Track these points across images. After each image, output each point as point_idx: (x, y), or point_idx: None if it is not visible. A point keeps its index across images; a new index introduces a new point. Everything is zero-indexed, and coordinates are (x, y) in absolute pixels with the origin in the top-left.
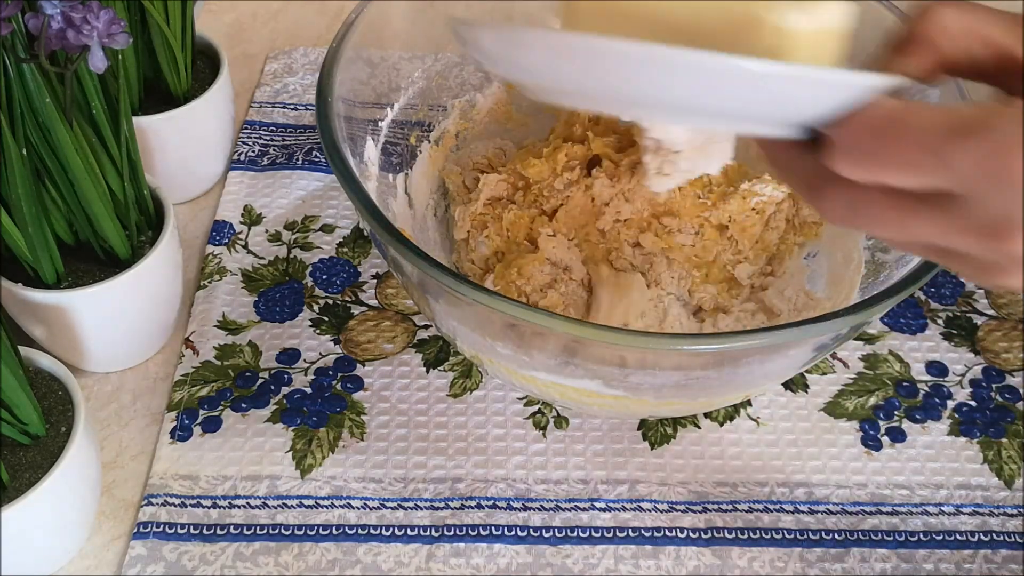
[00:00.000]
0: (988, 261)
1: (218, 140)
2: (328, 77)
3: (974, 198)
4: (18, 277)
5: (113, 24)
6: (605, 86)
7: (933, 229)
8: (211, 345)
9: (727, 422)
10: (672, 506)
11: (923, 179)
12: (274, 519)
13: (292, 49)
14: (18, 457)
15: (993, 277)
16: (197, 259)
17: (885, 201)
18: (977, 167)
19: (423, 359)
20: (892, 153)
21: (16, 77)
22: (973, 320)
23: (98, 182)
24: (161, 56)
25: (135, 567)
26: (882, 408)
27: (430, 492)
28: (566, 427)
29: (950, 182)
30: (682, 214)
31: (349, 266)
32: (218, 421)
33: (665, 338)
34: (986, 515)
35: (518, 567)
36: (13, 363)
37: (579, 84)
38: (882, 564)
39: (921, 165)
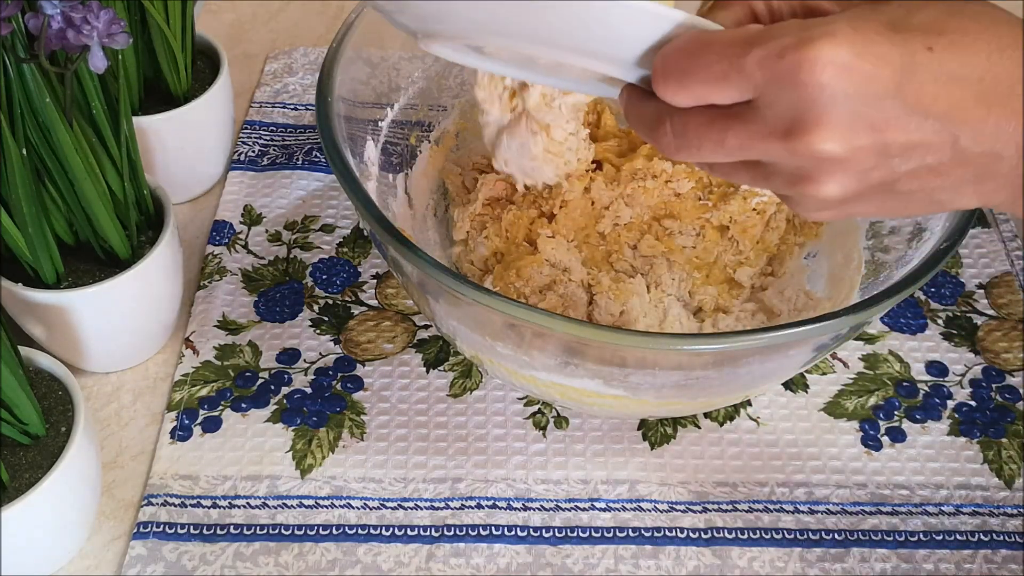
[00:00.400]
0: (795, 168)
1: (218, 140)
2: (328, 77)
3: (766, 102)
4: (18, 277)
5: (113, 24)
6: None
7: (744, 140)
8: (211, 345)
9: (727, 422)
10: (672, 506)
11: (726, 89)
12: (274, 519)
13: (292, 49)
14: (18, 457)
15: (807, 187)
16: (197, 259)
17: (703, 120)
18: (763, 70)
19: (423, 359)
20: (699, 67)
21: (16, 77)
22: (973, 320)
23: (98, 182)
24: (161, 56)
25: (135, 567)
26: (882, 408)
27: (430, 492)
28: (566, 427)
29: (747, 89)
30: (683, 216)
31: (349, 266)
32: (218, 421)
33: (665, 338)
34: (986, 515)
35: (518, 567)
36: (13, 363)
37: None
38: (882, 564)
39: (722, 75)
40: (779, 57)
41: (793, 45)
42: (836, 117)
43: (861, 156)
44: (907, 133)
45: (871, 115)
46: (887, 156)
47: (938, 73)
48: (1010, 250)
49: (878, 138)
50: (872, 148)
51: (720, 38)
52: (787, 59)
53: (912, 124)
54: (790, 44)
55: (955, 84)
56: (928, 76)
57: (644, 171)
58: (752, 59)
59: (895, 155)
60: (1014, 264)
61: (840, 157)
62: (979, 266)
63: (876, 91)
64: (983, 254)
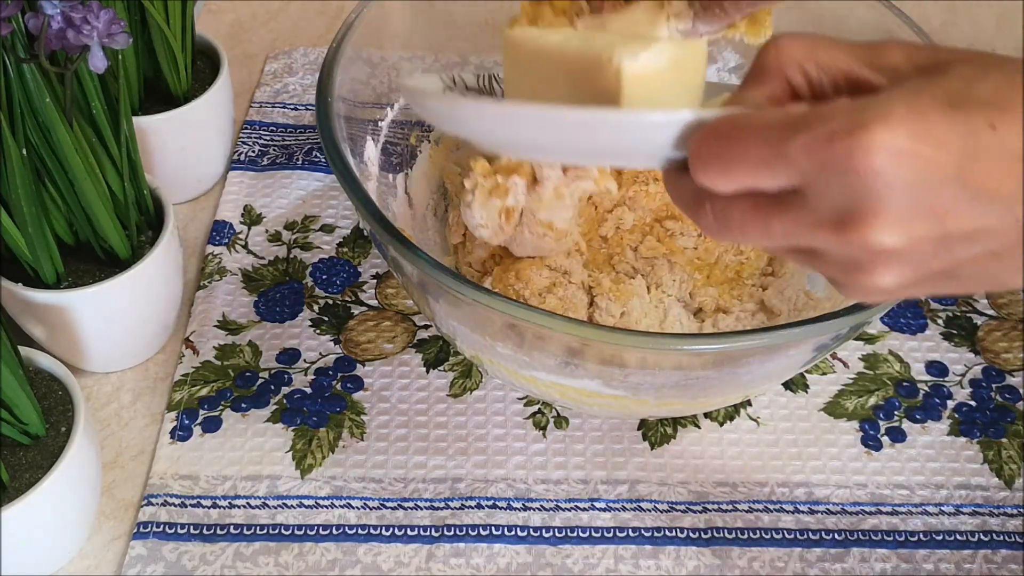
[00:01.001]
0: (848, 257)
1: (218, 140)
2: (328, 77)
3: (816, 191)
4: (18, 277)
5: (113, 24)
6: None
7: (792, 228)
8: (211, 345)
9: (727, 422)
10: (672, 506)
11: (770, 177)
12: (274, 519)
13: (292, 49)
14: (18, 457)
15: (860, 276)
16: (197, 259)
17: (747, 207)
18: (811, 158)
19: (423, 359)
20: (737, 154)
21: (16, 77)
22: (973, 320)
23: (98, 182)
24: (161, 56)
25: (135, 567)
26: (882, 408)
27: (430, 492)
28: (566, 427)
29: (793, 176)
30: (684, 218)
31: (349, 266)
32: (218, 421)
33: (665, 338)
34: (986, 515)
35: (518, 567)
36: (13, 363)
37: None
38: (882, 564)
39: (764, 162)
40: (828, 143)
41: (844, 130)
42: (893, 207)
43: (920, 246)
44: (970, 220)
45: (931, 203)
46: (948, 245)
47: (1003, 153)
48: None
49: (939, 227)
50: (932, 237)
51: (759, 121)
52: (837, 145)
53: (976, 210)
54: (840, 129)
55: (1020, 163)
56: (992, 157)
57: (646, 174)
58: (797, 145)
59: (956, 243)
60: None
61: (898, 248)
62: None
63: (936, 177)
64: None
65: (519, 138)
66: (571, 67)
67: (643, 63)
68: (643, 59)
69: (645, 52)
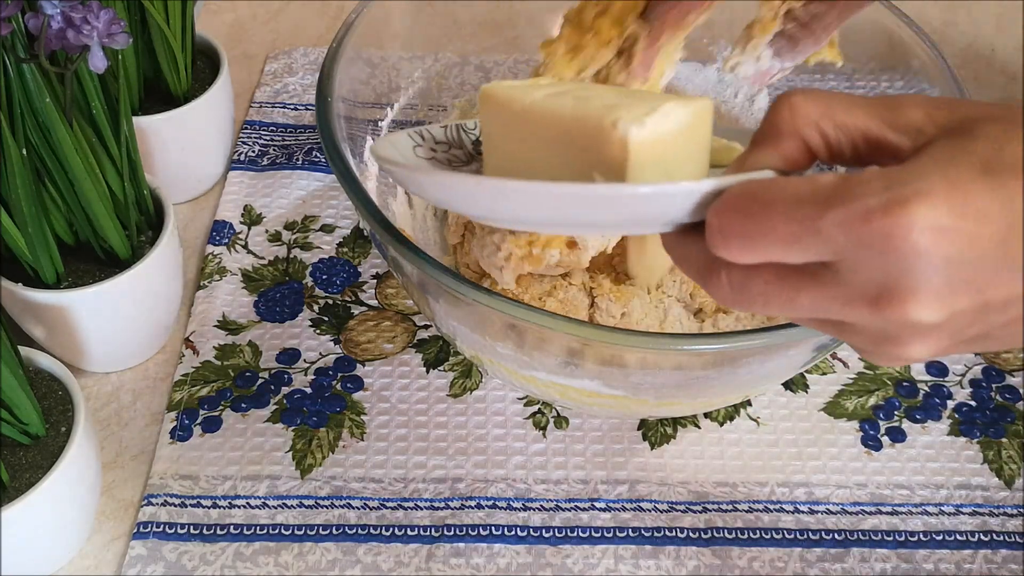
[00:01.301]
0: (882, 331)
1: (218, 140)
2: (328, 77)
3: (850, 267)
4: (18, 277)
5: (113, 24)
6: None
7: (821, 302)
8: (211, 345)
9: (727, 422)
10: (672, 506)
11: (799, 253)
12: (274, 519)
13: (292, 49)
14: (18, 457)
15: (892, 348)
16: (197, 259)
17: (771, 278)
18: (847, 234)
19: (423, 359)
20: (764, 229)
21: (16, 77)
22: None
23: (98, 182)
24: (161, 56)
25: (135, 567)
26: (882, 408)
27: (430, 492)
28: (566, 427)
29: (825, 252)
30: None
31: (349, 266)
32: (218, 421)
33: (665, 338)
34: (986, 515)
35: (518, 567)
36: (13, 363)
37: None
38: (882, 564)
39: (793, 238)
40: (865, 221)
41: (882, 208)
42: (934, 285)
43: (959, 319)
44: (1008, 288)
45: (973, 278)
46: (985, 314)
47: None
48: None
49: (979, 299)
50: (971, 310)
51: (785, 196)
52: (876, 224)
53: (1014, 277)
54: (877, 207)
55: None
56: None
57: None
58: (831, 222)
59: (993, 311)
60: None
61: (937, 324)
62: None
63: (979, 252)
64: None
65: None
66: (563, 131)
67: (650, 131)
68: (650, 126)
69: (651, 118)
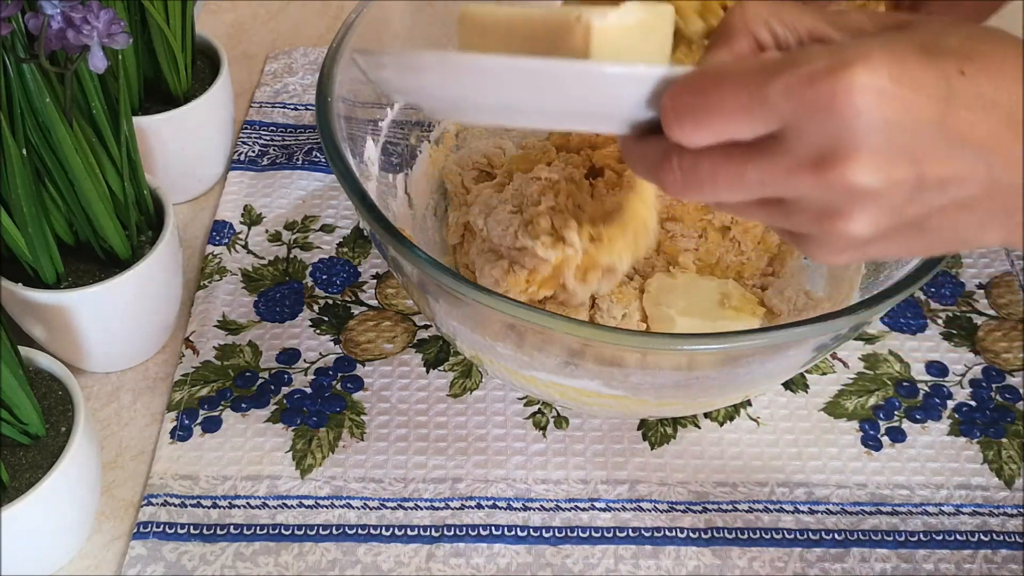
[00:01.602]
0: (824, 203)
1: (218, 140)
2: (328, 77)
3: (795, 131)
4: (18, 277)
5: (113, 24)
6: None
7: (767, 173)
8: (211, 345)
9: (727, 422)
10: (672, 506)
11: (747, 123)
12: (274, 519)
13: (292, 49)
14: (18, 457)
15: (835, 223)
16: (197, 259)
17: (719, 156)
18: (790, 99)
19: (423, 359)
20: (714, 103)
21: (16, 77)
22: (973, 320)
23: (98, 182)
24: (161, 56)
25: (135, 567)
26: (882, 408)
27: (430, 492)
28: (566, 427)
29: (772, 120)
30: (684, 218)
31: (349, 266)
32: (218, 421)
33: (665, 338)
34: (986, 515)
35: (518, 567)
36: (13, 363)
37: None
38: (882, 564)
39: (742, 107)
40: (809, 83)
41: (825, 70)
42: (874, 146)
43: (897, 190)
44: (944, 164)
45: (909, 145)
46: (922, 190)
47: (973, 99)
48: (1010, 250)
49: (915, 170)
50: (908, 180)
51: (734, 69)
52: (819, 85)
53: (950, 156)
54: (821, 69)
55: (990, 110)
56: (964, 102)
57: None
58: (777, 88)
59: (930, 189)
60: (1014, 264)
61: (876, 190)
62: (979, 266)
63: (916, 119)
64: (983, 254)
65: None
66: (534, 34)
67: (612, 21)
68: (612, 18)
69: (614, 12)
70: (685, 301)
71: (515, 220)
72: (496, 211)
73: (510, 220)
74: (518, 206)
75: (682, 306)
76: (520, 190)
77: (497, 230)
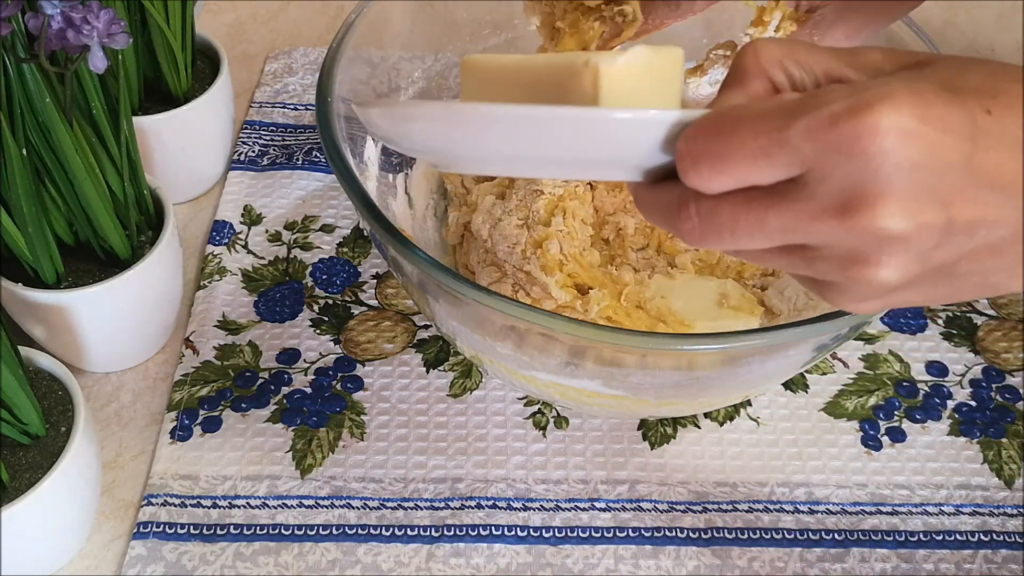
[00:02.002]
0: (850, 250)
1: (218, 140)
2: (328, 77)
3: (817, 175)
4: (18, 277)
5: (113, 24)
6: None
7: (789, 220)
8: (211, 345)
9: (727, 422)
10: (672, 506)
11: (768, 168)
12: (274, 519)
13: (292, 49)
14: (18, 457)
15: (862, 270)
16: (197, 259)
17: (739, 202)
18: (814, 141)
19: (423, 359)
20: (732, 147)
21: (16, 77)
22: (973, 320)
23: (98, 182)
24: (161, 56)
25: (135, 567)
26: (882, 408)
27: (430, 492)
28: (566, 427)
29: (793, 164)
30: None
31: (349, 266)
32: (218, 421)
33: (665, 338)
34: (986, 515)
35: (518, 567)
36: (13, 363)
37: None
38: (882, 564)
39: (762, 151)
40: (831, 125)
41: (847, 111)
42: (901, 189)
43: (926, 234)
44: (973, 207)
45: (938, 187)
46: (951, 234)
47: (1000, 138)
48: None
49: (944, 213)
50: (938, 225)
51: (751, 112)
52: (841, 127)
53: (979, 196)
54: (843, 110)
55: (1017, 149)
56: (991, 142)
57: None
58: (797, 130)
59: (959, 232)
60: None
61: (905, 235)
62: None
63: (943, 160)
64: None
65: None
66: (539, 80)
67: (621, 66)
68: (621, 62)
69: (623, 56)
70: (684, 301)
71: (522, 237)
72: (502, 224)
73: (517, 236)
74: (524, 219)
75: (681, 306)
76: (526, 202)
77: (503, 246)
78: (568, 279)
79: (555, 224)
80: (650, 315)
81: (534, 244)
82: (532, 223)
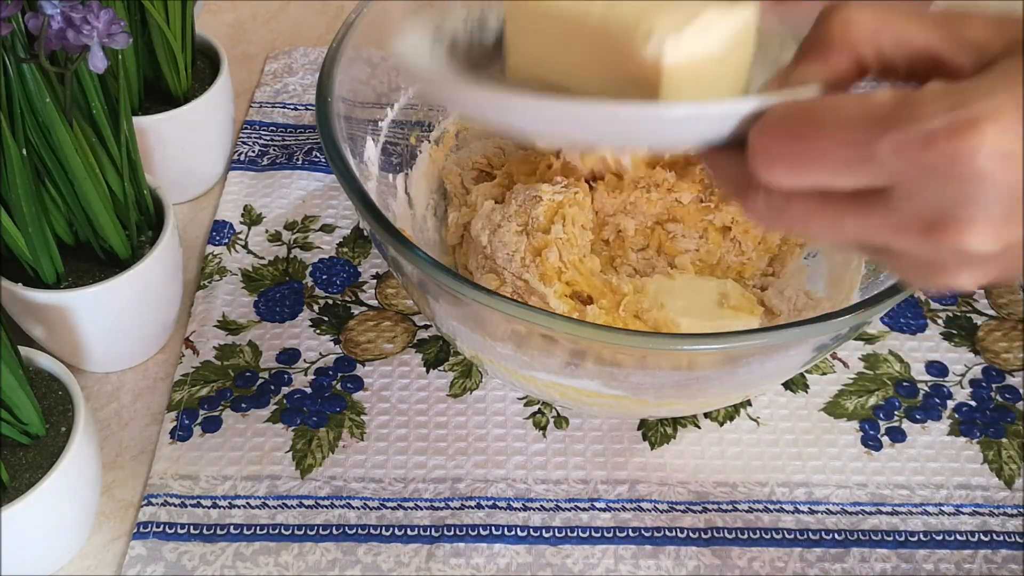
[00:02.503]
0: (930, 259)
1: (218, 140)
2: (328, 77)
3: (905, 191)
4: (18, 277)
5: (113, 24)
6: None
7: (868, 229)
8: (211, 345)
9: (727, 422)
10: (672, 506)
11: (849, 178)
12: (274, 519)
13: (292, 49)
14: (18, 457)
15: (937, 276)
16: (197, 259)
17: (814, 203)
18: (906, 159)
19: (423, 359)
20: (813, 153)
21: (16, 77)
22: (973, 320)
23: (98, 182)
24: (161, 56)
25: (135, 567)
26: (882, 408)
27: (430, 492)
28: (566, 427)
29: (879, 178)
30: (685, 219)
31: (349, 266)
32: (218, 421)
33: (665, 338)
34: (986, 515)
35: (518, 567)
36: (13, 363)
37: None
38: (882, 564)
39: (846, 163)
40: (926, 144)
41: (946, 132)
42: (995, 213)
43: (1012, 253)
44: None
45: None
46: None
47: None
48: None
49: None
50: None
51: (836, 116)
52: (939, 147)
53: None
54: (941, 130)
55: None
56: None
57: (647, 180)
58: (887, 145)
59: None
60: None
61: (991, 255)
62: None
63: None
64: None
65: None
66: (592, 38)
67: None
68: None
69: (689, 28)
70: (684, 301)
71: (522, 244)
72: (501, 230)
73: (516, 244)
74: (523, 225)
75: (681, 306)
76: (525, 207)
77: (503, 252)
78: (567, 288)
79: (555, 231)
80: (647, 327)
81: (533, 252)
82: (531, 229)
